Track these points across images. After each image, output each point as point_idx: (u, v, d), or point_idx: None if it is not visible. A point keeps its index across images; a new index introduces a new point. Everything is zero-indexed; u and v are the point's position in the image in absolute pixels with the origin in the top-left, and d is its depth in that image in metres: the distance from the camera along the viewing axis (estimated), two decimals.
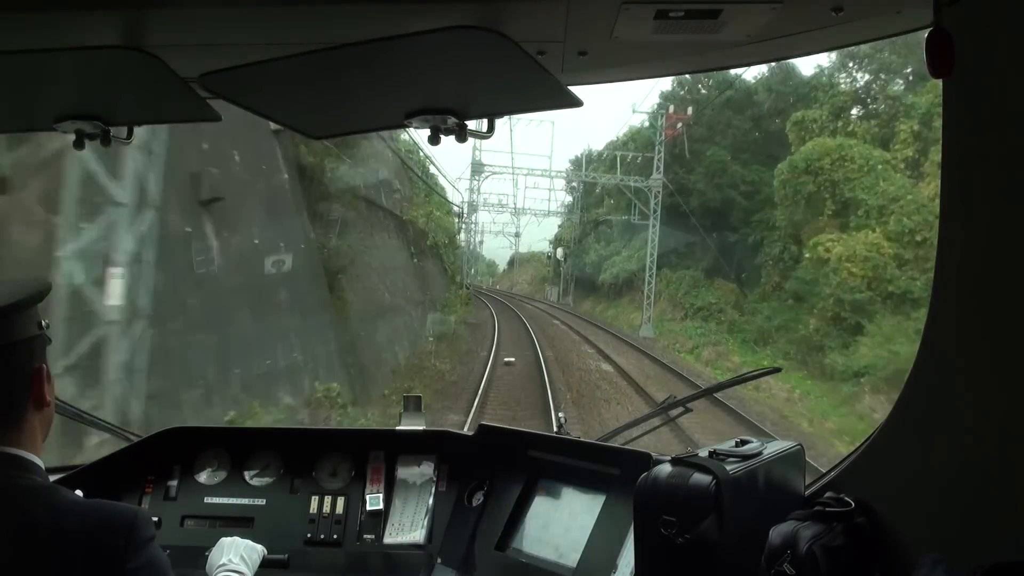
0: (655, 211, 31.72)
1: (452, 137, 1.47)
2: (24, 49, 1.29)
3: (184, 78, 1.41)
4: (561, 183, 48.00)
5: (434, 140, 1.46)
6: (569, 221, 51.82)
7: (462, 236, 38.66)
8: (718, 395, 13.22)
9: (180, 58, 1.36)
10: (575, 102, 1.44)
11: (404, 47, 1.21)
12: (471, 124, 1.47)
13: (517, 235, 66.25)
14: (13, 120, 1.80)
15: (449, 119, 1.42)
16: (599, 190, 44.56)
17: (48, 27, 1.42)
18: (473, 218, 47.86)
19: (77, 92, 1.54)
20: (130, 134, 1.70)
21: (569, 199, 51.16)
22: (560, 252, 51.55)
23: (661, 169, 32.09)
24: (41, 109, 1.62)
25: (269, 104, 1.58)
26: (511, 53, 1.22)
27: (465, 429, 2.81)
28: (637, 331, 29.39)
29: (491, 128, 1.53)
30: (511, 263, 79.71)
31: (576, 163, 49.33)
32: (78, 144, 1.63)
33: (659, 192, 31.60)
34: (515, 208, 49.80)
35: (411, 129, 1.51)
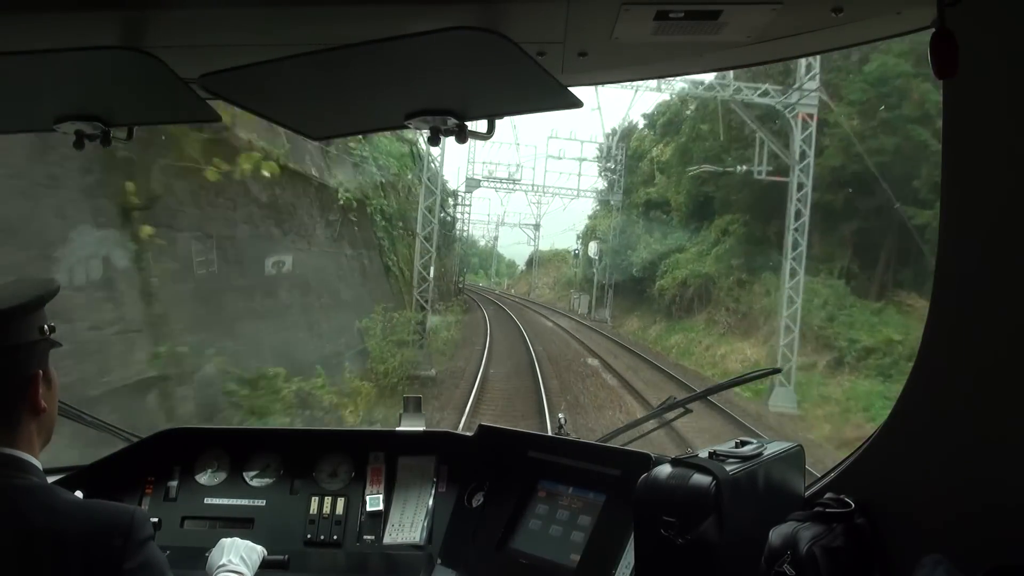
0: (803, 154, 17.27)
1: (452, 138, 1.47)
2: (24, 49, 1.29)
3: (184, 79, 1.41)
4: (610, 148, 35.73)
5: (434, 141, 1.46)
6: (606, 207, 38.95)
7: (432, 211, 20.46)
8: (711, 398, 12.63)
9: (180, 58, 1.36)
10: (575, 103, 1.44)
11: (404, 48, 1.22)
12: (471, 125, 1.47)
13: (536, 226, 54.15)
14: (13, 120, 1.80)
15: (449, 120, 1.43)
16: (647, 163, 33.08)
17: (48, 27, 1.42)
18: (468, 198, 36.25)
19: (77, 92, 1.54)
20: (130, 135, 1.70)
21: (602, 185, 38.60)
22: (594, 248, 37.44)
23: (817, 73, 17.50)
24: (41, 109, 1.62)
25: (269, 104, 1.58)
26: (511, 54, 1.22)
27: (460, 428, 2.81)
28: (756, 394, 15.50)
29: (491, 129, 1.53)
30: (530, 263, 65.19)
31: (621, 134, 35.06)
32: (78, 145, 1.63)
33: (812, 115, 17.38)
34: (533, 185, 36.60)
35: None
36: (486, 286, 64.08)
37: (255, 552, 2.00)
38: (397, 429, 2.65)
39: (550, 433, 2.77)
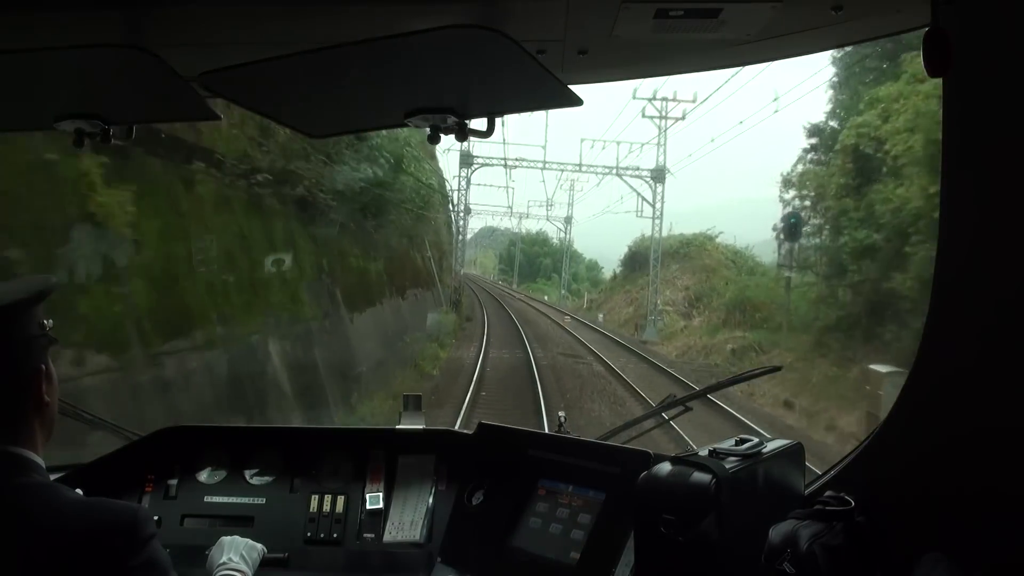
0: None
1: (452, 136, 1.47)
2: (24, 47, 1.29)
3: (184, 77, 1.41)
4: None
5: (434, 139, 1.46)
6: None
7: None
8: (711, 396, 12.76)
9: (180, 57, 1.36)
10: (575, 101, 1.44)
11: (404, 46, 1.22)
12: (471, 123, 1.47)
13: (659, 174, 27.15)
14: (13, 119, 1.80)
15: (449, 118, 1.42)
16: None
17: (48, 26, 1.42)
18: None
19: (77, 91, 1.54)
20: (130, 133, 1.70)
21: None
22: None
23: None
24: (41, 108, 1.62)
25: (269, 103, 1.58)
26: (511, 52, 1.22)
27: (457, 426, 2.81)
28: None
29: (491, 127, 1.53)
30: (630, 262, 34.55)
31: None
32: (78, 143, 1.63)
33: None
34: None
35: None
36: (553, 301, 39.92)
37: (255, 550, 2.01)
38: (397, 427, 2.65)
39: (554, 427, 2.77)
